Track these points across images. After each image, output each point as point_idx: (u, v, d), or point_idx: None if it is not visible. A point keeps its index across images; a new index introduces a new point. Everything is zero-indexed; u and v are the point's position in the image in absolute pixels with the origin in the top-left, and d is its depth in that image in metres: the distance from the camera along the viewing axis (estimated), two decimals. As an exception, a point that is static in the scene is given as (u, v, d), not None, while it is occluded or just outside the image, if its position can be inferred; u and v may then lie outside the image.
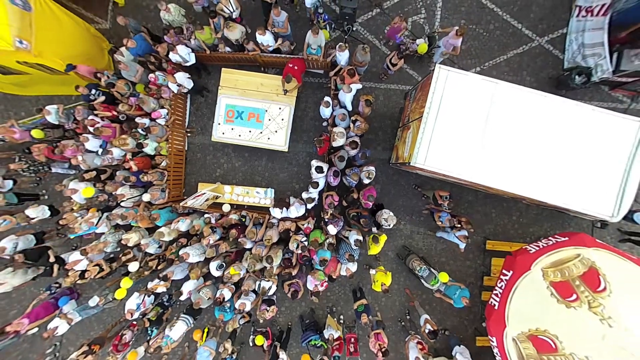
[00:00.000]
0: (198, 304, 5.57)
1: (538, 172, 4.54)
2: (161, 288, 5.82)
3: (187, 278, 5.88)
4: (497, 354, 5.07)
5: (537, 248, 5.06)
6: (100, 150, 6.07)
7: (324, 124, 6.78)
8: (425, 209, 6.75)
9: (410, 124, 5.27)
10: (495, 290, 5.19)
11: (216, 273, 5.62)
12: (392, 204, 6.79)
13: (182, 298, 5.90)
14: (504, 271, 5.21)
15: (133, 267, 5.77)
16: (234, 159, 7.10)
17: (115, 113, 6.17)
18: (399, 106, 6.82)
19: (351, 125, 5.73)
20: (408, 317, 6.79)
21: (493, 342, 5.06)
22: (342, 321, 6.82)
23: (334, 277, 5.56)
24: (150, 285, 5.89)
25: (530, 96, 4.49)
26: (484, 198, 6.81)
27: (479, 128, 4.53)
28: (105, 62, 6.90)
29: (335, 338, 5.53)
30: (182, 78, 5.99)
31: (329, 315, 6.47)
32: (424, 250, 6.91)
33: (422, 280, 6.01)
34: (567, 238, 5.05)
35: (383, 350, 5.10)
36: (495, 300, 5.09)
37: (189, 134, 7.05)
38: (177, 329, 5.59)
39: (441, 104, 4.51)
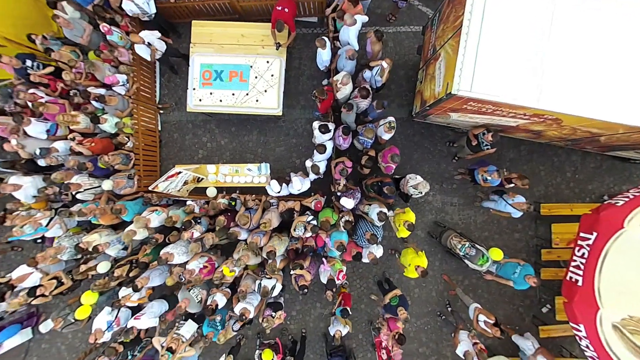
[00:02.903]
0: (181, 307, 4.29)
1: (621, 90, 3.28)
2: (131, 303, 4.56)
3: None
4: (586, 347, 3.75)
5: (627, 199, 3.76)
6: (38, 151, 4.62)
7: (324, 82, 5.55)
8: (458, 173, 5.47)
9: (439, 51, 4.01)
10: (574, 261, 3.88)
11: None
12: (416, 171, 5.46)
13: None
14: (582, 234, 3.90)
15: (102, 267, 4.57)
16: (219, 136, 5.84)
17: (63, 87, 4.93)
18: (412, 52, 5.58)
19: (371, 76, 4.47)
20: (449, 308, 5.47)
21: (580, 331, 3.74)
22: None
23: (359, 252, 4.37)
24: (121, 294, 4.61)
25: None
26: (528, 154, 5.52)
27: (541, 34, 3.27)
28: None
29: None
30: (150, 37, 4.71)
31: None
32: (461, 224, 5.60)
33: (465, 261, 4.73)
34: (666, 182, 3.76)
35: (397, 337, 4.04)
36: (577, 275, 3.78)
37: (161, 111, 5.81)
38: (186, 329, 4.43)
39: (486, 5, 3.26)
